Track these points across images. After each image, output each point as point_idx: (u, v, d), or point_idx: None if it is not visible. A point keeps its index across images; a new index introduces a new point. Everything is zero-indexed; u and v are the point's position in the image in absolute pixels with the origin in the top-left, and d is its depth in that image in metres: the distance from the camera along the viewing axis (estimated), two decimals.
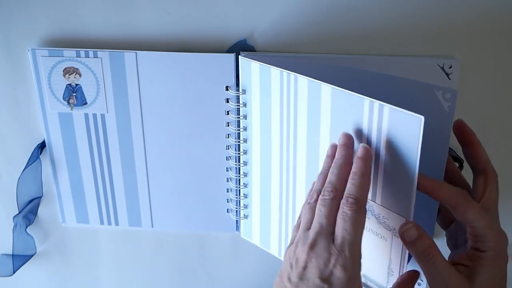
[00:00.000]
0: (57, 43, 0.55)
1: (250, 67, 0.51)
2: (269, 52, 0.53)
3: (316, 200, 0.41)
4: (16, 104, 0.58)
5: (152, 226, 0.62)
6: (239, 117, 0.54)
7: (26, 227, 0.64)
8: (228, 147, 0.57)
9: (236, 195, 0.58)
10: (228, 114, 0.55)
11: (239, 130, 0.55)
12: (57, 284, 0.69)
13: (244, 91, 0.53)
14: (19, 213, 0.62)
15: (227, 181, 0.58)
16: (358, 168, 0.40)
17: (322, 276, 0.38)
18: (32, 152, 0.60)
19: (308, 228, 0.40)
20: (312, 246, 0.39)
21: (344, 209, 0.39)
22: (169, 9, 0.53)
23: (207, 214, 0.60)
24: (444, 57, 0.51)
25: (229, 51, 0.54)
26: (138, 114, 0.56)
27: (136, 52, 0.53)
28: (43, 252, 0.66)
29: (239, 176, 0.57)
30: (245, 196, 0.58)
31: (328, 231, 0.39)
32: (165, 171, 0.59)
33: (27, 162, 0.60)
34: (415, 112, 0.42)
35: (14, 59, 0.56)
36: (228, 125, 0.55)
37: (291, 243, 0.41)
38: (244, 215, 0.59)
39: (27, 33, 0.55)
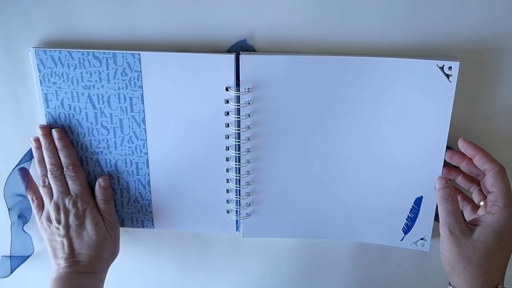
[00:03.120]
0: (57, 44, 0.55)
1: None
2: (269, 52, 0.53)
3: None
4: (16, 104, 0.58)
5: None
6: (239, 117, 0.54)
7: (23, 225, 0.64)
8: (227, 148, 0.57)
9: (236, 195, 0.59)
10: (228, 115, 0.55)
11: (239, 130, 0.55)
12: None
13: (248, 89, 0.53)
14: (10, 210, 0.63)
15: (227, 182, 0.58)
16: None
17: None
18: (28, 151, 0.60)
19: None
20: None
21: None
22: (169, 9, 0.53)
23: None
24: (444, 57, 0.51)
25: (229, 51, 0.54)
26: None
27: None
28: (40, 252, 0.66)
29: (239, 176, 0.57)
30: (248, 194, 0.58)
31: None
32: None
33: (21, 159, 0.60)
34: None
35: (15, 59, 0.56)
36: (228, 126, 0.55)
37: None
38: (247, 213, 0.59)
39: (27, 34, 0.55)
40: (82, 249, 0.57)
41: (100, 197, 0.58)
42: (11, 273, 0.65)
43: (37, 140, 0.57)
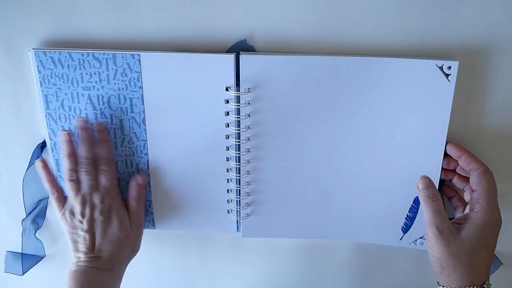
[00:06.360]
0: (57, 44, 0.55)
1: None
2: (269, 52, 0.53)
3: None
4: (16, 104, 0.58)
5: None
6: (239, 117, 0.55)
7: (35, 231, 0.64)
8: (228, 148, 0.57)
9: (237, 195, 0.59)
10: (228, 115, 0.55)
11: (239, 130, 0.55)
12: (60, 285, 0.69)
13: (249, 89, 0.53)
14: (26, 216, 0.62)
15: (228, 182, 0.59)
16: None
17: None
18: (33, 152, 0.60)
19: None
20: None
21: None
22: (169, 9, 0.53)
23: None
24: (443, 58, 0.51)
25: (229, 51, 0.54)
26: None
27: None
28: (48, 254, 0.67)
29: (239, 176, 0.57)
30: (248, 194, 0.58)
31: None
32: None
33: (29, 162, 0.60)
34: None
35: (15, 59, 0.56)
36: (228, 126, 0.56)
37: None
38: (246, 213, 0.59)
39: (28, 34, 0.55)
40: (104, 245, 0.55)
41: (134, 194, 0.58)
42: (23, 273, 0.65)
43: (68, 133, 0.56)
